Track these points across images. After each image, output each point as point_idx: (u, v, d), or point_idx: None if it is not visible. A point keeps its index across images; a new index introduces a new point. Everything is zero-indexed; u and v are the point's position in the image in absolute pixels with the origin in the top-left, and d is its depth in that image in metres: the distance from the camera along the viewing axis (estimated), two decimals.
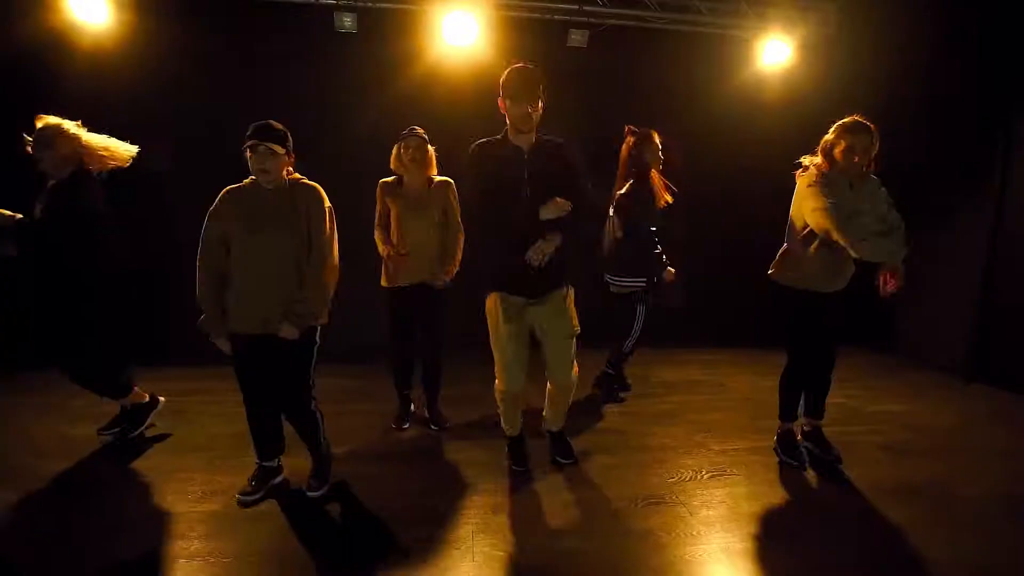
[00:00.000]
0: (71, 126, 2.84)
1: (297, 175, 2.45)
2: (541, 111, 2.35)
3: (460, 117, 4.67)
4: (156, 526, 2.34)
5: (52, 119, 2.83)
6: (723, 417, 3.62)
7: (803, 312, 2.77)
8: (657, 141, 3.50)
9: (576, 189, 2.41)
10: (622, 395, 3.91)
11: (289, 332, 2.33)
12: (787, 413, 3.02)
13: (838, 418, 3.61)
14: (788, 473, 2.88)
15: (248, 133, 2.27)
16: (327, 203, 2.44)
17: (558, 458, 2.90)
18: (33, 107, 4.27)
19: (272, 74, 4.54)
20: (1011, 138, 4.16)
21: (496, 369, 2.61)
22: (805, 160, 2.67)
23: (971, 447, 3.21)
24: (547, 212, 2.33)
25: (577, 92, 4.90)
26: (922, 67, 4.68)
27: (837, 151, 2.53)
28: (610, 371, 3.89)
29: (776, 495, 2.66)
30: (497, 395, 2.68)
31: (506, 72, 2.33)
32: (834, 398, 3.91)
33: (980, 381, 4.33)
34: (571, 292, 2.59)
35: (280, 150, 2.30)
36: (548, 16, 4.50)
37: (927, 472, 2.88)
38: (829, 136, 2.59)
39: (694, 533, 2.33)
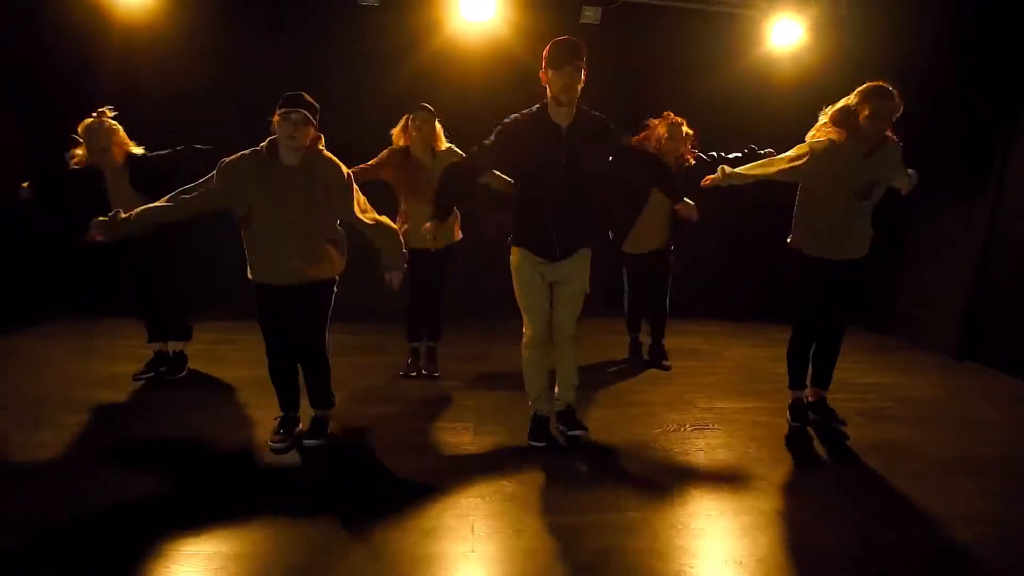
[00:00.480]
0: (109, 121, 3.07)
1: (319, 147, 2.49)
2: (583, 82, 2.36)
3: (474, 91, 4.90)
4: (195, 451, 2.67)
5: (97, 119, 3.04)
6: (714, 380, 3.83)
7: (809, 277, 2.80)
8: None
9: (616, 147, 2.55)
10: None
11: (396, 280, 2.56)
12: (794, 381, 3.07)
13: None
14: (766, 431, 3.08)
15: (281, 101, 2.35)
16: (346, 173, 2.50)
17: (567, 433, 2.76)
18: (67, 83, 4.61)
19: (296, 48, 4.77)
20: (1014, 123, 4.20)
21: (524, 317, 2.69)
22: (818, 132, 2.65)
23: (947, 416, 3.37)
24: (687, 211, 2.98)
25: (589, 69, 5.03)
26: (932, 48, 4.69)
27: (862, 117, 2.47)
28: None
29: (748, 447, 2.87)
30: (524, 347, 2.71)
31: (549, 44, 2.34)
32: None
33: (972, 360, 4.45)
34: (588, 254, 2.67)
35: (311, 119, 2.38)
36: None
37: (896, 435, 3.06)
38: (851, 101, 2.52)
39: (672, 475, 2.57)
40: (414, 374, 3.67)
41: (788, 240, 2.92)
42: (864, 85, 2.52)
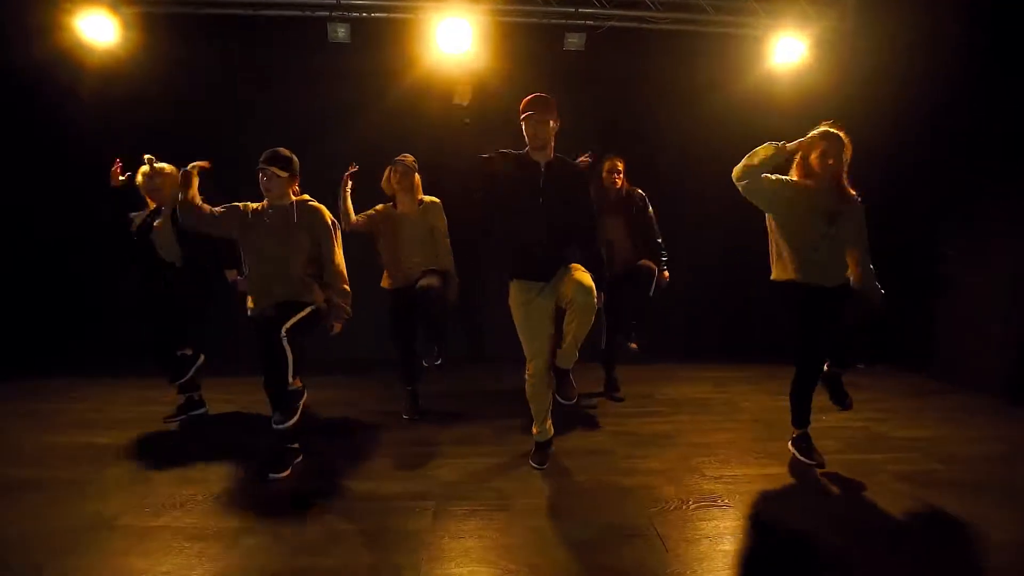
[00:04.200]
0: (162, 165, 3.37)
1: (304, 196, 2.89)
2: (555, 129, 2.69)
3: (456, 124, 4.64)
4: None
5: (163, 165, 3.36)
6: (727, 439, 3.31)
7: (809, 306, 2.76)
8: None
9: (582, 206, 2.77)
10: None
11: (338, 327, 2.86)
12: (799, 420, 2.95)
13: (859, 444, 3.27)
14: (785, 506, 2.56)
15: (268, 157, 2.75)
16: (329, 219, 2.89)
17: (559, 398, 2.87)
18: (43, 123, 4.52)
19: (268, 87, 4.64)
20: None
21: (524, 351, 2.81)
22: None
23: (1010, 481, 2.79)
24: None
25: (576, 97, 4.76)
26: (949, 65, 4.33)
27: (813, 157, 2.69)
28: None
29: (765, 533, 2.35)
30: (527, 381, 2.83)
31: (524, 99, 2.69)
32: (858, 421, 3.62)
33: None
34: (578, 266, 2.76)
35: (283, 173, 2.76)
36: (544, 20, 4.38)
37: (953, 508, 2.50)
38: (804, 142, 2.71)
39: (670, 573, 2.06)
40: (417, 417, 3.60)
41: (772, 277, 2.91)
42: (816, 129, 2.73)
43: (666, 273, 3.86)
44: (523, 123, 2.67)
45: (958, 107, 4.38)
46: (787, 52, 4.52)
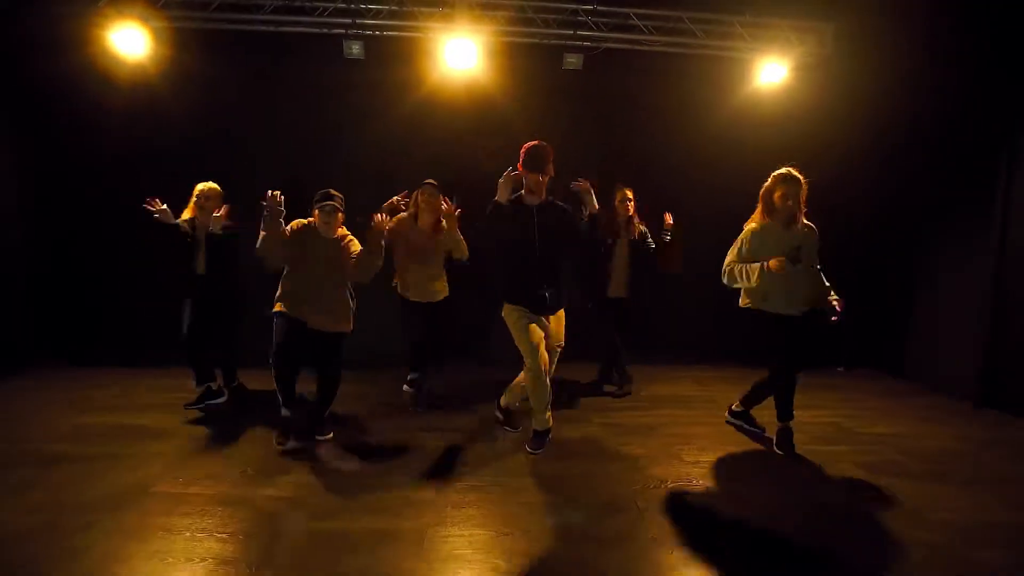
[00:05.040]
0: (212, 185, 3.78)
1: (346, 231, 3.28)
2: (549, 179, 3.03)
3: (461, 137, 4.95)
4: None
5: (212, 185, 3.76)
6: (704, 431, 3.58)
7: (775, 330, 3.20)
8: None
9: (573, 235, 3.13)
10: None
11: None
12: (783, 414, 3.33)
13: (825, 437, 3.54)
14: (753, 487, 2.83)
15: (319, 196, 3.17)
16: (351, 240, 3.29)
17: (506, 428, 3.49)
18: (75, 133, 4.81)
19: (287, 99, 4.93)
20: (1014, 156, 4.05)
21: (525, 354, 3.08)
22: (751, 220, 3.24)
23: (959, 472, 3.07)
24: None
25: (573, 113, 5.08)
26: (921, 87, 4.64)
27: (776, 196, 3.10)
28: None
29: (734, 509, 2.62)
30: (529, 379, 3.11)
31: (524, 147, 2.99)
32: (826, 417, 3.90)
33: (991, 407, 4.14)
34: (562, 315, 3.26)
35: (340, 214, 3.20)
36: (544, 41, 4.69)
37: (905, 494, 2.77)
38: (768, 184, 3.16)
39: (650, 537, 2.34)
40: (423, 409, 3.87)
41: (740, 303, 3.32)
42: (776, 171, 3.13)
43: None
44: (523, 171, 3.00)
45: (931, 124, 4.68)
46: (770, 74, 4.81)
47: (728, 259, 3.22)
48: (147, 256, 4.78)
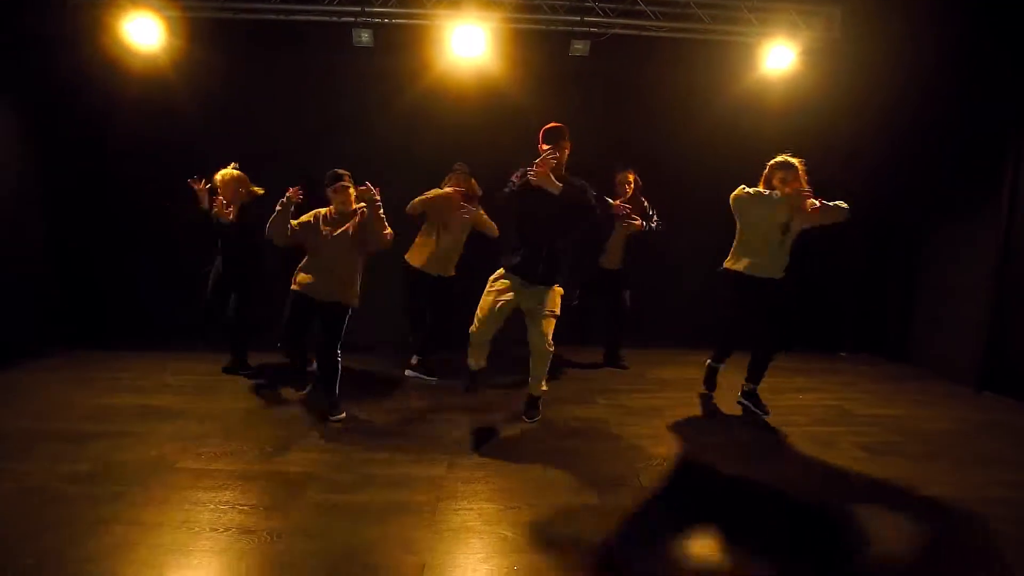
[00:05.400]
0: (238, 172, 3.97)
1: (361, 206, 3.39)
2: (567, 153, 3.15)
3: (468, 123, 4.99)
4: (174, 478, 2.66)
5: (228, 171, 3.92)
6: (709, 413, 3.67)
7: (739, 292, 3.51)
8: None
9: (584, 211, 3.15)
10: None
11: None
12: (715, 356, 3.92)
13: (825, 419, 3.62)
14: (754, 467, 2.92)
15: (329, 178, 3.34)
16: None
17: (524, 416, 3.44)
18: (90, 123, 4.91)
19: (297, 87, 5.01)
20: (1021, 143, 4.05)
21: (476, 315, 3.29)
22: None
23: (957, 453, 3.14)
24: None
25: (580, 98, 5.10)
26: (929, 72, 4.63)
27: (775, 181, 3.37)
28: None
29: (734, 486, 2.72)
30: (472, 334, 3.34)
31: (542, 128, 3.15)
32: (828, 400, 3.98)
33: (992, 390, 4.19)
34: (558, 289, 3.29)
35: (351, 189, 3.35)
36: (551, 27, 4.71)
37: (900, 472, 2.85)
38: (765, 172, 3.44)
39: (652, 511, 2.44)
40: (436, 381, 4.14)
41: (724, 264, 3.60)
42: (773, 159, 3.42)
43: (638, 222, 4.39)
44: (542, 147, 3.11)
45: (939, 112, 4.68)
46: (778, 59, 4.81)
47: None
48: (160, 246, 4.93)
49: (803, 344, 5.33)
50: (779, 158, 3.39)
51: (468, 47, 4.64)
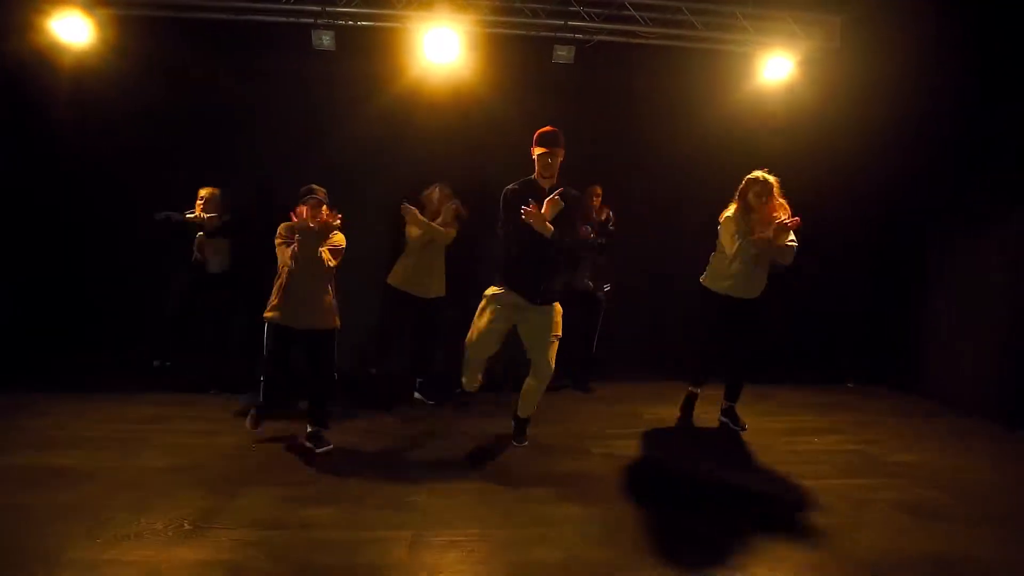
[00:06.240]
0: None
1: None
2: (560, 160, 3.01)
3: (442, 135, 4.55)
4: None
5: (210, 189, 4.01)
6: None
7: (711, 309, 3.54)
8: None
9: (575, 224, 3.13)
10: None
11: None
12: (694, 379, 3.81)
13: (852, 469, 3.17)
14: (792, 531, 2.43)
15: (303, 191, 3.10)
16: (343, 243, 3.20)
17: (514, 441, 3.35)
18: (17, 124, 4.36)
19: (249, 93, 4.50)
20: None
21: (471, 332, 3.14)
22: (727, 210, 3.49)
23: (1011, 512, 2.69)
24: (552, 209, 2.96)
25: (564, 110, 4.70)
26: (936, 80, 4.36)
27: (750, 196, 3.39)
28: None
29: (772, 558, 2.22)
30: (467, 346, 3.18)
31: (537, 131, 3.02)
32: (850, 444, 3.54)
33: None
34: (558, 308, 3.15)
35: (324, 207, 3.10)
36: (532, 32, 4.32)
37: (952, 545, 2.38)
38: (741, 186, 3.44)
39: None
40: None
41: (701, 279, 3.64)
42: (748, 175, 3.42)
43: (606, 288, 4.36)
44: (536, 157, 3.00)
45: (948, 122, 4.38)
46: (775, 69, 4.51)
47: (730, 248, 3.39)
48: (104, 254, 4.52)
49: (805, 373, 4.93)
50: (756, 173, 3.39)
51: (441, 52, 4.22)
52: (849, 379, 4.98)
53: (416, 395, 4.08)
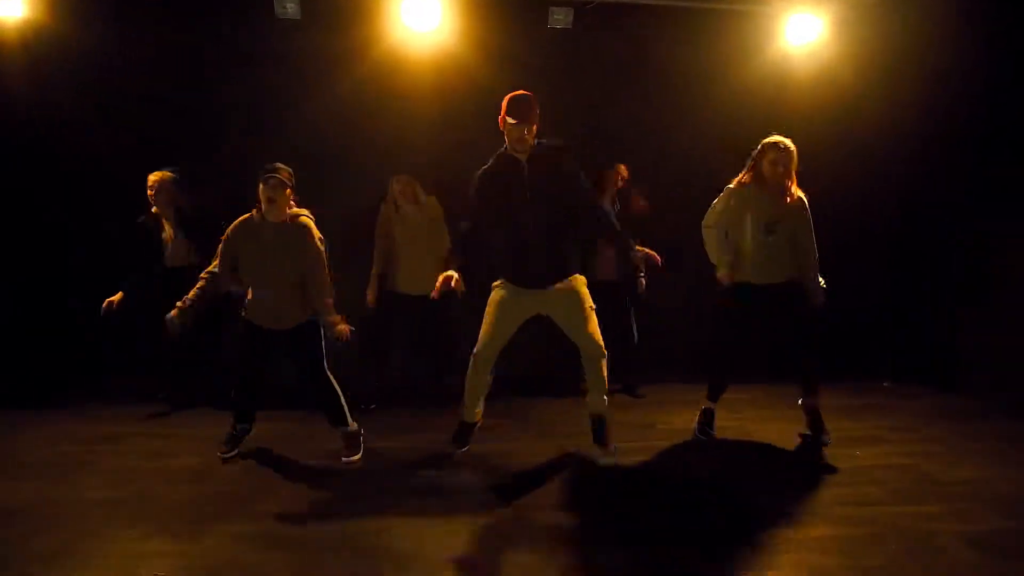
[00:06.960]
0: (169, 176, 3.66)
1: (298, 211, 2.90)
2: (535, 132, 2.71)
3: (422, 111, 4.13)
4: None
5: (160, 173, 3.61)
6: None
7: (732, 301, 3.21)
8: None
9: (575, 189, 2.78)
10: None
11: (345, 329, 2.82)
12: (711, 394, 3.39)
13: (906, 490, 2.73)
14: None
15: (263, 170, 2.79)
16: (318, 236, 2.89)
17: (595, 457, 2.98)
18: None
19: (204, 68, 4.11)
20: None
21: (480, 336, 2.86)
22: (736, 180, 3.17)
23: None
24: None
25: (561, 80, 4.30)
26: (983, 44, 3.90)
27: (765, 163, 3.05)
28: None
29: None
30: (472, 362, 2.90)
31: (506, 97, 2.69)
32: (897, 458, 3.10)
33: None
34: (579, 278, 2.86)
35: (288, 190, 2.82)
36: None
37: None
38: (756, 151, 3.10)
39: None
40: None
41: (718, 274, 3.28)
42: (766, 138, 3.08)
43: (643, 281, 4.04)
44: (506, 123, 2.68)
45: (999, 90, 3.91)
46: (802, 31, 4.05)
47: (707, 220, 3.22)
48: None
49: (837, 371, 4.48)
50: (775, 137, 3.07)
51: (420, 19, 3.79)
52: (886, 379, 4.53)
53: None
